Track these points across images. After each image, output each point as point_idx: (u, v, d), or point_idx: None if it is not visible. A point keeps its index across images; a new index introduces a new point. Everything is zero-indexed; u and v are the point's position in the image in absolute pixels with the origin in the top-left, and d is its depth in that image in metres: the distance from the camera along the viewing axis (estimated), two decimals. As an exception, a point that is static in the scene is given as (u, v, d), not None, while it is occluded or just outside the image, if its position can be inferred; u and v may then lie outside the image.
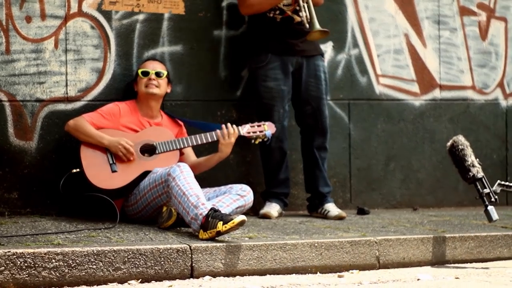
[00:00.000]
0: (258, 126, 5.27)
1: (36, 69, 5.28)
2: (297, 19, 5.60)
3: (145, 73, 5.26)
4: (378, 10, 6.45)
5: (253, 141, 5.29)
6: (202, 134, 5.18)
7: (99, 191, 4.95)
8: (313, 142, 5.72)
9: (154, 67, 5.31)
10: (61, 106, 5.36)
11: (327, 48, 6.21)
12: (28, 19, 5.25)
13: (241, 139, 5.32)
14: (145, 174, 5.00)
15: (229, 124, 5.18)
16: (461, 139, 4.99)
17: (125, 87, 5.48)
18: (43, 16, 5.29)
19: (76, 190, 5.07)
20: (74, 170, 5.03)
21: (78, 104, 5.42)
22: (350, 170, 6.35)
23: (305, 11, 5.47)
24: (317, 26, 5.36)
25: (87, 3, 5.42)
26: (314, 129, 5.71)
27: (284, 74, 5.58)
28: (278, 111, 5.58)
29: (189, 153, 5.33)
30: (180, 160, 5.18)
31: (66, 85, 5.35)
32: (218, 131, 5.15)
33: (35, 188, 5.24)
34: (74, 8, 5.41)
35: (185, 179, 4.67)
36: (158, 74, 5.27)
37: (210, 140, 5.18)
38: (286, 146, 5.70)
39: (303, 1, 5.46)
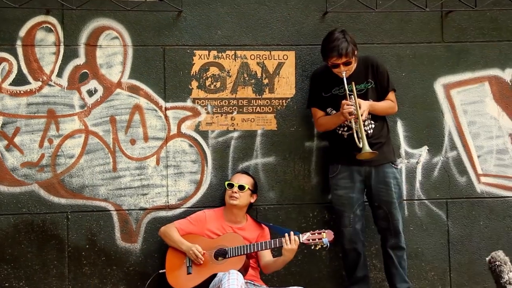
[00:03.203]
0: (318, 233, 5.01)
1: (140, 183, 5.36)
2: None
3: (230, 185, 5.23)
4: (479, 114, 5.77)
5: (312, 247, 5.02)
6: (271, 240, 5.04)
7: None
8: (387, 242, 5.39)
9: (239, 180, 5.23)
10: (163, 213, 5.42)
11: (422, 152, 5.65)
12: (133, 141, 5.34)
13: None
14: (215, 276, 4.96)
15: (291, 233, 4.97)
16: (500, 255, 4.50)
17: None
18: (145, 138, 5.35)
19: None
20: (161, 271, 5.15)
21: (178, 211, 5.47)
22: (450, 264, 5.76)
23: (358, 132, 5.09)
24: (367, 148, 5.01)
25: (186, 125, 5.40)
26: (387, 231, 5.38)
27: (352, 182, 5.29)
28: (348, 216, 5.32)
29: (265, 254, 5.22)
30: (256, 260, 5.20)
31: (167, 195, 5.38)
32: (282, 238, 4.98)
33: (139, 282, 5.38)
34: (173, 131, 5.42)
35: (227, 287, 4.62)
36: (241, 187, 5.19)
37: (274, 246, 5.02)
38: (360, 247, 5.40)
39: (356, 123, 5.07)
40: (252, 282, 5.14)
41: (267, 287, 5.22)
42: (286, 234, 4.97)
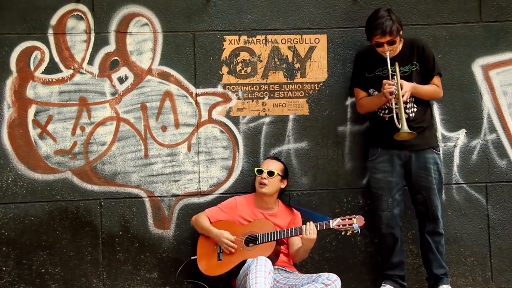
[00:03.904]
0: (349, 219, 4.84)
1: (172, 170, 5.26)
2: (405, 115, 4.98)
3: (259, 172, 5.11)
4: (520, 95, 5.39)
5: (343, 233, 4.86)
6: (293, 228, 4.89)
7: (206, 276, 4.98)
8: (425, 227, 5.21)
9: (268, 166, 5.11)
10: (195, 200, 5.31)
11: (460, 135, 5.38)
12: (164, 128, 5.23)
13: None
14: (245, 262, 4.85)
15: (311, 223, 4.83)
16: None
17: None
18: (177, 125, 5.25)
19: (188, 276, 5.16)
20: (193, 257, 5.08)
21: (210, 197, 5.35)
22: (490, 249, 5.52)
23: (397, 111, 4.90)
24: (405, 127, 4.82)
25: (217, 111, 5.28)
26: (425, 216, 5.19)
27: (392, 167, 5.11)
28: (386, 201, 5.14)
29: (295, 242, 5.04)
30: (287, 247, 5.07)
31: (199, 182, 5.27)
32: (302, 226, 4.84)
33: (173, 269, 5.29)
34: (204, 117, 5.30)
35: (254, 274, 4.54)
36: (270, 173, 5.06)
37: (295, 234, 4.88)
38: (397, 232, 5.22)
39: (396, 104, 4.88)
40: (284, 268, 5.01)
41: (299, 273, 5.05)
42: (307, 223, 4.83)
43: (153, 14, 5.26)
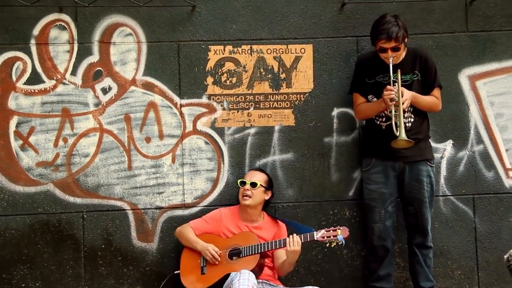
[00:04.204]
0: (333, 230, 4.71)
1: (156, 182, 5.15)
2: None
3: (242, 183, 4.99)
4: (507, 106, 5.42)
5: (328, 244, 4.74)
6: (276, 240, 4.77)
7: None
8: (413, 240, 5.12)
9: (251, 177, 5.00)
10: (179, 212, 5.21)
11: (447, 146, 5.27)
12: (148, 139, 5.13)
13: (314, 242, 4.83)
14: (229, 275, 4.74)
15: (294, 235, 4.71)
16: None
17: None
18: (161, 136, 5.15)
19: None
20: (176, 272, 4.94)
21: (194, 210, 5.24)
22: (478, 262, 5.41)
23: (397, 119, 4.80)
24: (403, 135, 4.73)
25: (201, 122, 5.19)
26: (415, 228, 5.10)
27: (386, 178, 5.02)
28: (379, 212, 5.04)
29: (279, 255, 4.93)
30: (271, 260, 4.95)
31: (183, 194, 5.15)
32: (286, 239, 4.71)
33: (156, 283, 5.17)
34: (189, 128, 5.21)
35: (237, 287, 4.40)
36: (253, 185, 4.96)
37: (279, 247, 4.76)
38: (389, 244, 5.11)
39: (396, 111, 4.79)
40: (268, 282, 4.89)
41: (283, 287, 4.92)
42: (291, 236, 4.71)
43: (137, 24, 5.16)
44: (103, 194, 5.14)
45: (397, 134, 4.74)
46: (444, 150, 5.36)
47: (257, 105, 5.26)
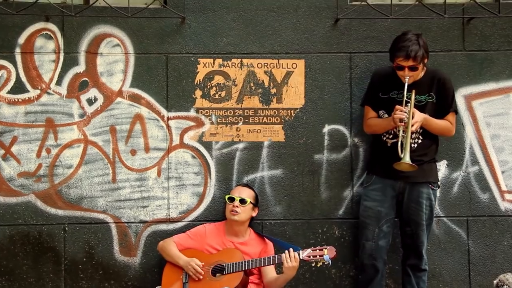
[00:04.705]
0: (320, 250, 4.56)
1: (140, 195, 5.00)
2: None
3: (231, 199, 4.83)
4: (503, 127, 5.23)
5: (313, 264, 4.57)
6: (270, 256, 4.63)
7: None
8: (408, 260, 4.95)
9: (240, 193, 4.84)
10: (163, 226, 5.05)
11: (441, 167, 5.09)
12: (133, 152, 4.98)
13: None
14: None
15: (291, 250, 4.54)
16: (508, 278, 4.08)
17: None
18: (147, 149, 4.98)
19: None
20: (158, 287, 4.77)
21: (179, 225, 5.10)
22: (470, 286, 5.25)
23: (403, 140, 4.63)
24: (407, 159, 4.56)
25: (189, 136, 5.02)
26: (410, 249, 4.94)
27: (384, 196, 4.85)
28: (372, 230, 4.87)
29: (268, 271, 4.79)
30: (259, 277, 4.80)
31: (168, 208, 4.99)
32: (282, 255, 4.57)
33: (138, 298, 4.92)
34: (176, 141, 5.04)
35: None
36: (242, 201, 4.80)
37: (272, 263, 4.61)
38: (380, 265, 4.93)
39: (404, 132, 4.61)
40: (252, 301, 4.69)
41: (268, 306, 4.76)
42: (286, 251, 4.56)
43: (125, 35, 5.02)
44: (86, 207, 5.00)
45: (401, 156, 4.57)
46: (438, 170, 5.14)
47: (246, 120, 5.09)
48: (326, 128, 5.13)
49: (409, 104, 4.63)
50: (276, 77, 5.11)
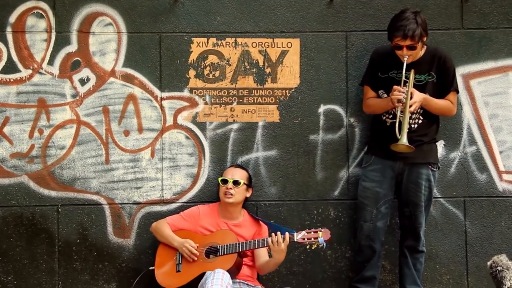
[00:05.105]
0: (315, 232, 4.48)
1: (134, 176, 4.93)
2: None
3: (224, 181, 4.74)
4: (502, 106, 5.14)
5: (308, 247, 4.50)
6: (258, 239, 4.54)
7: None
8: (405, 241, 4.88)
9: (233, 175, 4.75)
10: (157, 208, 4.97)
11: (438, 147, 4.99)
12: (126, 132, 4.91)
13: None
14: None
15: (278, 233, 4.47)
16: (502, 259, 3.95)
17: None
18: (140, 129, 4.91)
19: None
20: (151, 268, 4.72)
21: (173, 206, 5.01)
22: (467, 267, 5.15)
23: (401, 121, 4.53)
24: (405, 140, 4.48)
25: (182, 116, 4.94)
26: (407, 231, 4.87)
27: (382, 177, 4.77)
28: (370, 211, 4.79)
29: (261, 254, 4.72)
30: (251, 259, 4.73)
31: (162, 189, 4.91)
32: (268, 238, 4.49)
33: (132, 279, 4.92)
34: (169, 122, 4.96)
35: (210, 287, 4.19)
36: (236, 183, 4.70)
37: (261, 246, 4.54)
38: (377, 246, 4.86)
39: (402, 112, 4.52)
40: (246, 282, 4.67)
41: (261, 287, 4.66)
42: (273, 234, 4.48)
43: (118, 13, 4.92)
44: (79, 188, 4.93)
45: (399, 137, 4.48)
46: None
47: (241, 100, 5.00)
48: (322, 108, 5.03)
49: (407, 84, 4.53)
50: (271, 57, 5.00)
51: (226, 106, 4.99)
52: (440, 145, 5.07)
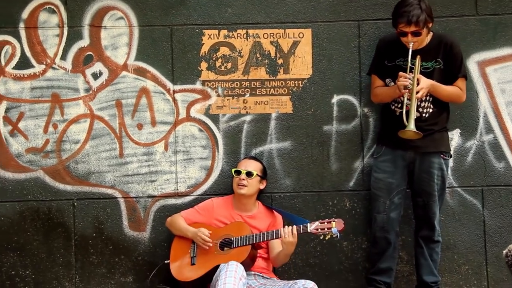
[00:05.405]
0: (328, 222, 4.43)
1: (148, 169, 4.93)
2: (416, 114, 4.58)
3: (237, 172, 4.73)
4: (519, 93, 4.94)
5: (321, 237, 4.47)
6: (271, 231, 4.52)
7: (178, 282, 4.61)
8: (420, 231, 4.81)
9: (246, 166, 4.73)
10: (172, 201, 4.97)
11: (454, 135, 4.93)
12: (140, 126, 4.91)
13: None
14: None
15: (289, 226, 4.45)
16: None
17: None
18: (153, 123, 4.91)
19: (163, 281, 4.81)
20: (166, 261, 4.72)
21: (187, 199, 5.00)
22: (486, 257, 5.06)
23: (408, 107, 4.46)
24: (412, 126, 4.42)
25: (195, 109, 4.94)
26: (422, 221, 4.80)
27: (394, 168, 4.71)
28: (384, 202, 4.73)
29: (274, 245, 4.67)
30: (266, 251, 4.70)
31: (176, 182, 4.90)
32: (281, 229, 4.46)
33: (148, 272, 4.92)
34: (182, 114, 4.96)
35: (223, 280, 4.19)
36: (248, 174, 4.69)
37: (274, 238, 4.50)
38: (392, 237, 4.80)
39: (409, 99, 4.46)
40: (261, 274, 4.65)
41: (277, 279, 4.66)
42: (286, 226, 4.44)
43: (129, 7, 4.92)
44: (94, 182, 4.93)
45: (406, 123, 4.42)
46: (451, 139, 4.99)
47: (253, 92, 4.97)
48: (335, 99, 4.97)
49: (413, 71, 4.47)
50: (282, 47, 4.96)
51: (239, 98, 4.96)
52: (456, 134, 5.00)
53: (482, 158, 5.02)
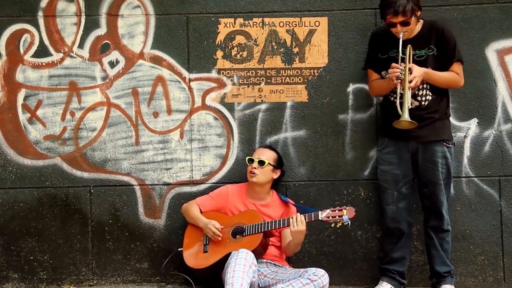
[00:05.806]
0: (339, 210, 4.41)
1: (163, 157, 4.94)
2: (415, 103, 4.56)
3: (250, 161, 4.74)
4: (538, 82, 4.86)
5: (333, 225, 4.43)
6: (281, 219, 4.51)
7: (191, 269, 4.65)
8: (428, 222, 4.76)
9: (260, 155, 4.74)
10: (187, 189, 4.97)
11: (471, 125, 4.83)
12: (156, 114, 4.91)
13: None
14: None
15: (298, 214, 4.43)
16: None
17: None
18: (169, 111, 4.91)
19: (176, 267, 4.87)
20: (180, 249, 4.76)
21: (202, 187, 5.01)
22: (503, 248, 4.99)
23: (403, 98, 4.39)
24: (406, 116, 4.35)
25: (211, 97, 4.92)
26: (429, 211, 4.74)
27: (399, 159, 4.66)
28: (391, 194, 4.71)
29: (286, 234, 4.66)
30: (278, 240, 4.71)
31: (192, 170, 4.91)
32: (290, 218, 4.43)
33: (163, 259, 4.94)
34: (198, 103, 4.95)
35: (233, 268, 4.21)
36: (260, 163, 4.69)
37: (283, 226, 4.50)
38: (404, 227, 4.76)
39: (402, 88, 4.39)
40: (273, 262, 4.65)
41: (289, 267, 4.65)
42: (294, 215, 4.43)
43: (145, -4, 4.91)
44: (110, 169, 4.97)
45: (400, 113, 4.36)
46: (468, 129, 4.92)
47: (269, 80, 4.94)
48: (351, 87, 4.93)
49: (405, 60, 4.42)
50: (298, 36, 4.92)
51: (254, 86, 4.94)
52: (473, 123, 4.92)
53: (499, 147, 4.94)
